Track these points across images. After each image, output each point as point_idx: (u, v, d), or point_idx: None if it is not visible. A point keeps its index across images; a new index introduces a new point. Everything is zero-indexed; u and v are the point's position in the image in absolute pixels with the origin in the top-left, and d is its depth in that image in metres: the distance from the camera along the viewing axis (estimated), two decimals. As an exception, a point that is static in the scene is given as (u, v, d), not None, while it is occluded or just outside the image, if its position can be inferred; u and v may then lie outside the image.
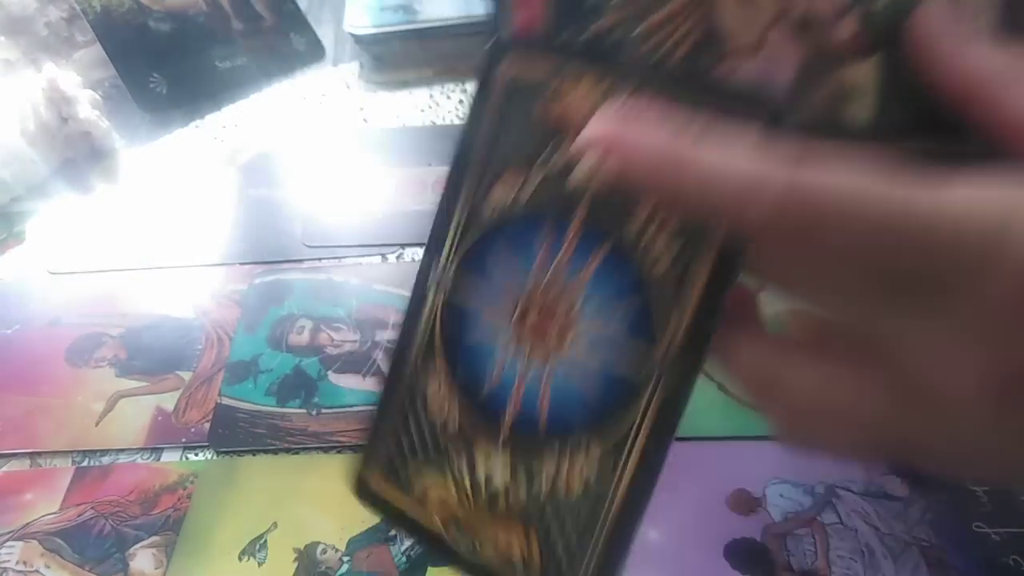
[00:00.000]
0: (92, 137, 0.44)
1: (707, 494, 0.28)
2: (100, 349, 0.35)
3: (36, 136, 0.42)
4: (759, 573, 0.26)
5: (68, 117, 0.43)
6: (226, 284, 0.38)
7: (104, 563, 0.28)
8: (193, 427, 0.32)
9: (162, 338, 0.36)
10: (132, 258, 0.40)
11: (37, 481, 0.31)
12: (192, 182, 0.44)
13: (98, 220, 0.42)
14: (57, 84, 0.42)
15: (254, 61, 0.52)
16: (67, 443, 0.32)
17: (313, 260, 0.39)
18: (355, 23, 0.50)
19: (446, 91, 0.50)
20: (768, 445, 0.30)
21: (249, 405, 0.32)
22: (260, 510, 0.29)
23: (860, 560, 0.26)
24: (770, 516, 0.27)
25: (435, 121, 0.48)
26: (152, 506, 0.29)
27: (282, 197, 0.43)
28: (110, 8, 0.49)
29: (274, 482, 0.30)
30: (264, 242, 0.40)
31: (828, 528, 0.27)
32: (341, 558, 0.27)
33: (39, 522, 0.29)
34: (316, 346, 0.35)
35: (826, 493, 0.28)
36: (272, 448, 0.31)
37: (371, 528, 0.28)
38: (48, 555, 0.28)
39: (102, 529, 0.29)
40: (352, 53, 0.54)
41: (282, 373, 0.33)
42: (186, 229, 0.41)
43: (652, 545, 0.27)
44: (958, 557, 0.26)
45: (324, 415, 0.32)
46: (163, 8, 0.50)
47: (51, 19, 0.50)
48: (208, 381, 0.34)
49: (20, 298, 0.38)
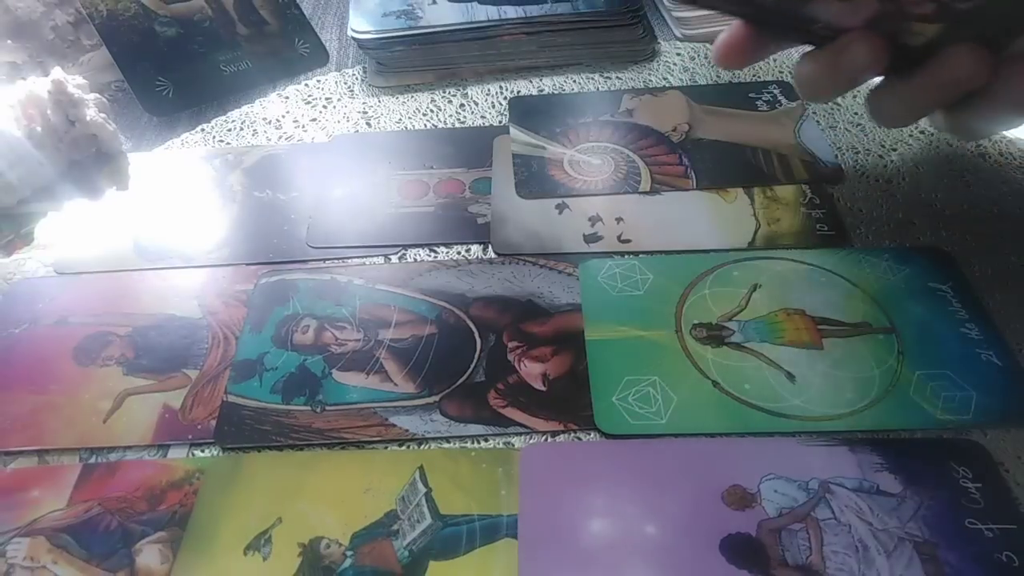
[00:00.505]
0: (99, 140, 0.44)
1: (702, 490, 0.29)
2: (107, 348, 0.36)
3: (43, 139, 0.42)
4: (754, 568, 0.26)
5: (75, 120, 0.43)
6: (232, 284, 0.39)
7: (111, 558, 0.28)
8: (199, 424, 0.32)
9: (169, 337, 0.36)
10: (139, 259, 0.41)
11: (44, 478, 0.31)
12: (198, 184, 0.45)
13: (105, 221, 0.43)
14: (64, 87, 0.43)
15: (259, 65, 0.52)
16: (74, 440, 0.32)
17: (317, 261, 0.40)
18: (358, 28, 0.50)
19: (447, 95, 0.51)
20: (762, 441, 0.30)
21: (255, 403, 0.33)
22: (265, 506, 0.29)
23: (854, 555, 0.27)
24: (765, 511, 0.28)
25: (436, 125, 0.48)
26: (159, 502, 0.30)
27: (287, 199, 0.43)
28: (116, 12, 0.50)
29: (279, 478, 0.30)
30: (269, 243, 0.41)
31: (822, 524, 0.28)
32: (344, 553, 0.28)
33: (46, 518, 0.30)
34: (320, 345, 0.35)
35: (820, 489, 0.28)
36: (277, 445, 0.32)
37: (374, 523, 0.29)
38: (55, 551, 0.29)
39: (109, 525, 0.29)
40: (356, 58, 0.55)
41: (287, 371, 0.34)
42: (192, 230, 0.42)
43: (648, 540, 0.27)
44: (951, 553, 0.27)
45: (328, 412, 0.32)
46: (169, 13, 0.51)
47: (57, 23, 0.51)
48: (214, 379, 0.34)
49: (28, 298, 0.39)
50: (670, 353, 0.33)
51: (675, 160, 0.44)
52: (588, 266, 0.38)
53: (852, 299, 0.35)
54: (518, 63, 0.52)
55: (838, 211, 0.40)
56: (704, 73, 0.51)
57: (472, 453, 0.31)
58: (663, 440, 0.31)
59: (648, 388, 0.32)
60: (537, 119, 0.47)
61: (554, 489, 0.29)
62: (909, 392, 0.31)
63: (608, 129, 0.46)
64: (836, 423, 0.31)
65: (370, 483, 0.30)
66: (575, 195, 0.42)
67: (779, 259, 0.38)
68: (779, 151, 0.44)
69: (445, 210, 0.42)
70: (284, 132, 0.49)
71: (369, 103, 0.50)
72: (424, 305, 0.37)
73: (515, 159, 0.45)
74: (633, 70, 0.52)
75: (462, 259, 0.39)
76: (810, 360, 0.33)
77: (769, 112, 0.47)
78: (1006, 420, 0.30)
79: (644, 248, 0.39)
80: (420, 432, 0.31)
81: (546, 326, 0.35)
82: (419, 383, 0.33)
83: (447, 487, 0.29)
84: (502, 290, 0.37)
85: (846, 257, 0.37)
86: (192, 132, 0.49)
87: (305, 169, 0.45)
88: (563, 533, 0.28)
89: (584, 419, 0.31)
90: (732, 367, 0.33)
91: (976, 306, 0.34)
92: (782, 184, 0.42)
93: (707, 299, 0.36)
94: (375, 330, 0.36)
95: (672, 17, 0.55)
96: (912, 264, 0.37)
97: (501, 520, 0.28)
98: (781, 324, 0.34)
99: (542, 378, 0.33)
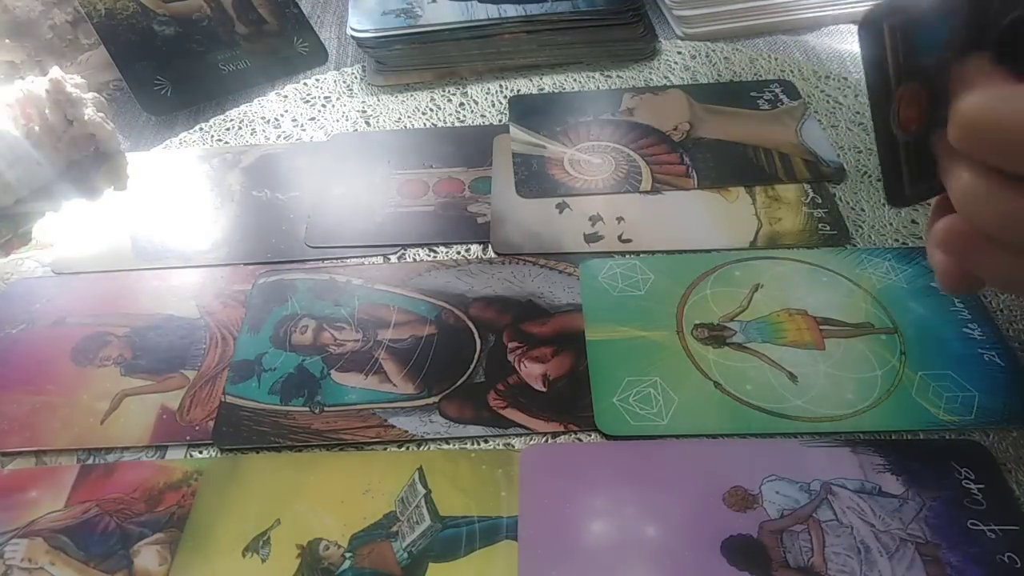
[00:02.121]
0: (97, 139, 0.44)
1: (704, 491, 0.29)
2: (105, 348, 0.36)
3: (41, 138, 0.42)
4: (756, 569, 0.26)
5: (73, 119, 0.43)
6: (230, 284, 0.38)
7: (108, 560, 0.28)
8: (197, 425, 0.32)
9: (167, 338, 0.36)
10: (137, 259, 0.40)
11: (42, 479, 0.31)
12: (196, 184, 0.45)
13: (103, 221, 0.43)
14: (62, 87, 0.42)
15: (257, 64, 0.52)
16: (72, 441, 0.32)
17: (316, 261, 0.40)
18: (357, 27, 0.50)
19: (447, 94, 0.51)
20: (764, 442, 0.30)
21: (253, 403, 0.33)
22: (263, 507, 0.29)
23: (856, 557, 0.26)
24: (766, 513, 0.28)
25: (436, 123, 0.48)
26: (156, 503, 0.30)
27: (285, 199, 0.43)
28: (114, 11, 0.49)
29: (277, 479, 0.30)
30: (267, 243, 0.41)
31: (824, 525, 0.27)
32: (343, 554, 0.28)
33: (44, 519, 0.30)
34: (319, 345, 0.35)
35: (821, 490, 0.28)
36: (276, 446, 0.31)
37: (373, 525, 0.28)
38: (53, 552, 0.29)
39: (107, 526, 0.29)
40: (355, 56, 0.55)
41: (285, 372, 0.34)
42: (190, 230, 0.42)
43: (649, 542, 0.27)
44: (953, 554, 0.26)
45: (327, 413, 0.32)
46: (167, 11, 0.51)
47: (56, 22, 0.51)
48: (212, 380, 0.34)
49: (26, 298, 0.39)
50: (671, 354, 0.33)
51: (676, 159, 0.43)
52: (589, 266, 0.38)
53: (854, 299, 0.35)
54: (518, 62, 0.52)
55: (840, 211, 0.40)
56: (705, 72, 0.51)
57: (472, 454, 0.31)
58: (664, 441, 0.30)
59: (649, 389, 0.32)
60: (537, 118, 0.47)
61: (554, 490, 0.29)
62: (911, 393, 0.31)
63: (609, 128, 0.46)
64: (838, 424, 0.30)
65: (369, 484, 0.30)
66: (575, 194, 0.42)
67: (781, 259, 0.37)
68: (781, 150, 0.44)
69: (445, 209, 0.42)
70: (283, 131, 0.48)
71: (368, 102, 0.50)
72: (423, 305, 0.37)
73: (515, 158, 0.44)
74: (634, 69, 0.52)
75: (462, 259, 0.39)
76: (812, 360, 0.33)
77: (771, 111, 0.47)
78: (1008, 421, 0.30)
79: (645, 248, 0.39)
80: (419, 433, 0.31)
81: (546, 326, 0.35)
82: (418, 384, 0.33)
83: (447, 488, 0.29)
84: (502, 290, 0.37)
85: (848, 257, 0.37)
86: (190, 131, 0.49)
87: (304, 168, 0.45)
88: (563, 535, 0.28)
89: (585, 420, 0.31)
90: (734, 368, 0.33)
91: (978, 306, 0.34)
92: (784, 183, 0.41)
93: (708, 299, 0.36)
94: (374, 330, 0.35)
95: (673, 16, 0.55)
96: (914, 264, 0.36)
97: (501, 522, 0.28)
98: (783, 324, 0.34)
99: (542, 379, 0.33)
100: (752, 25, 0.54)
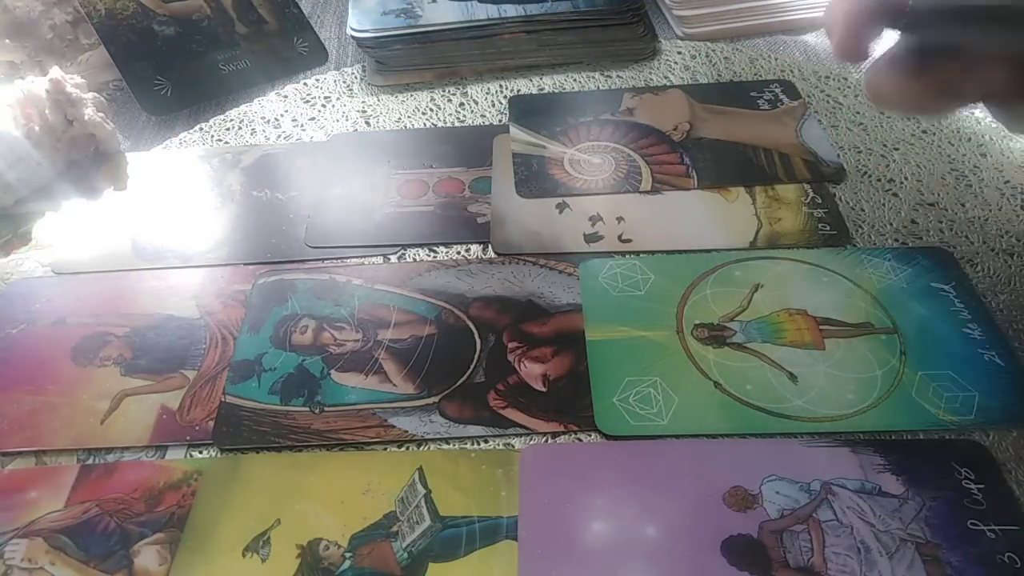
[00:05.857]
0: (97, 139, 0.44)
1: (704, 491, 0.29)
2: (105, 348, 0.36)
3: (41, 138, 0.42)
4: (756, 569, 0.26)
5: (73, 119, 0.43)
6: (230, 284, 0.38)
7: (108, 560, 0.28)
8: (197, 425, 0.32)
9: (167, 338, 0.36)
10: (137, 259, 0.40)
11: (42, 479, 0.31)
12: (196, 184, 0.45)
13: (103, 221, 0.43)
14: (62, 87, 0.43)
15: (257, 64, 0.52)
16: (72, 441, 0.32)
17: (316, 261, 0.40)
18: (357, 27, 0.50)
19: (447, 94, 0.51)
20: (764, 442, 0.30)
21: (253, 403, 0.33)
22: (264, 507, 0.29)
23: (856, 557, 0.26)
24: (766, 513, 0.28)
25: (436, 123, 0.48)
26: (156, 503, 0.30)
27: (285, 199, 0.43)
28: (114, 12, 0.49)
29: (277, 479, 0.30)
30: (267, 243, 0.41)
31: (824, 525, 0.27)
32: (344, 554, 0.28)
33: (44, 519, 0.30)
34: (319, 345, 0.35)
35: (821, 490, 0.28)
36: (276, 446, 0.31)
37: (373, 525, 0.28)
38: (53, 552, 0.29)
39: (107, 526, 0.29)
40: (355, 56, 0.55)
41: (285, 372, 0.34)
42: (190, 230, 0.42)
43: (649, 542, 0.27)
44: (953, 554, 0.26)
45: (327, 413, 0.32)
46: (167, 11, 0.51)
47: (56, 22, 0.51)
48: (212, 380, 0.34)
49: (25, 298, 0.39)
50: (671, 354, 0.33)
51: (676, 159, 0.43)
52: (589, 266, 0.38)
53: (854, 299, 0.35)
54: (518, 62, 0.52)
55: (840, 211, 0.40)
56: (705, 72, 0.51)
57: (472, 454, 0.31)
58: (664, 441, 0.30)
59: (649, 389, 0.32)
60: (537, 118, 0.47)
61: (554, 490, 0.29)
62: (911, 393, 0.31)
63: (609, 128, 0.46)
64: (838, 424, 0.30)
65: (369, 484, 0.30)
66: (575, 194, 0.42)
67: (781, 259, 0.37)
68: (781, 150, 0.44)
69: (445, 209, 0.42)
70: (283, 131, 0.48)
71: (368, 102, 0.50)
72: (423, 305, 0.37)
73: (515, 158, 0.44)
74: (634, 69, 0.52)
75: (462, 259, 0.39)
76: (812, 361, 0.33)
77: (771, 111, 0.47)
78: (1008, 421, 0.30)
79: (645, 248, 0.39)
80: (419, 433, 0.31)
81: (546, 326, 0.35)
82: (418, 384, 0.33)
83: (447, 488, 0.29)
84: (502, 290, 0.37)
85: (848, 257, 0.37)
86: (190, 131, 0.49)
87: (304, 168, 0.45)
88: (563, 535, 0.28)
89: (585, 420, 0.31)
90: (734, 368, 0.33)
91: (978, 306, 0.34)
92: (784, 183, 0.41)
93: (708, 299, 0.36)
94: (374, 330, 0.35)
95: (673, 16, 0.55)
96: (914, 264, 0.36)
97: (501, 522, 0.28)
98: (783, 324, 0.34)
99: (542, 379, 0.33)
100: (752, 25, 0.54)
